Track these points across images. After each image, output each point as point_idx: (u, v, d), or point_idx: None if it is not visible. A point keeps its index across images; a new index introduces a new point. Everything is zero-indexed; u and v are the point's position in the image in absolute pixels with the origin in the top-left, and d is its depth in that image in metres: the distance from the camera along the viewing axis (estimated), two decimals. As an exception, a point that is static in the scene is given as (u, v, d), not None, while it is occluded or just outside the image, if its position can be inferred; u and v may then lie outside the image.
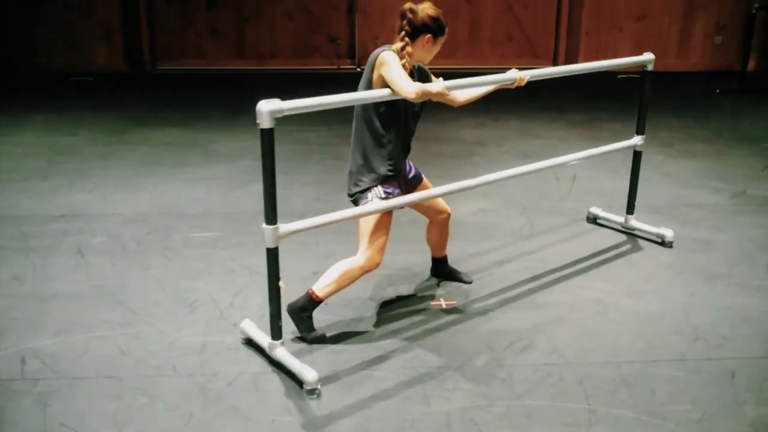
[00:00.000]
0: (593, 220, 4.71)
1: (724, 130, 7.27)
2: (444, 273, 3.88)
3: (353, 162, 3.28)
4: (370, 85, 3.12)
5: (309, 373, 2.86)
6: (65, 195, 5.17)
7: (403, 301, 3.66)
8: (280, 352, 3.01)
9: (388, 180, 3.26)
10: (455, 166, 5.95)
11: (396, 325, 3.41)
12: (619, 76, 10.30)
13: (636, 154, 4.43)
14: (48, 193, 5.19)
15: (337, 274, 3.23)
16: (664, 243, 4.32)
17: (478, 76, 3.43)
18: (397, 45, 3.16)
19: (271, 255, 2.90)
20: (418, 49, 3.18)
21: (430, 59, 3.28)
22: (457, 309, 3.58)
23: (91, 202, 5.05)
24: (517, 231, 4.58)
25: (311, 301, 3.25)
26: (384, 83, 3.04)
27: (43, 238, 4.38)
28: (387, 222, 3.26)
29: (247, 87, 9.26)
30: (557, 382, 2.96)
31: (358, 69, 10.52)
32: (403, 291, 3.77)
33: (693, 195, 5.28)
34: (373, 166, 3.23)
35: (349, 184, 3.31)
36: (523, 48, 10.70)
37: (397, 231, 4.22)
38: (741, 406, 2.82)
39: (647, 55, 4.24)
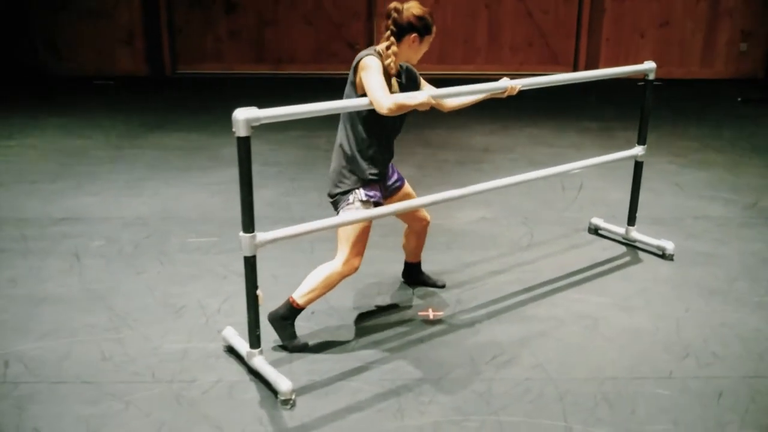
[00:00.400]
0: (594, 230, 4.63)
1: (742, 139, 7.11)
2: (416, 278, 3.86)
3: (335, 162, 3.26)
4: (353, 87, 3.11)
5: (283, 383, 2.85)
6: (70, 198, 5.24)
7: (391, 311, 3.63)
8: (257, 360, 3.00)
9: (369, 183, 3.23)
10: (460, 173, 5.90)
11: (380, 335, 3.38)
12: (639, 83, 10.14)
13: (637, 164, 4.34)
14: (54, 196, 5.26)
15: (316, 280, 3.21)
16: (664, 256, 4.23)
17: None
18: (382, 45, 3.14)
19: (248, 263, 2.89)
20: (404, 49, 3.15)
21: (417, 59, 3.25)
22: (444, 320, 3.54)
23: (95, 205, 5.10)
24: (516, 241, 4.52)
25: (291, 310, 3.24)
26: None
27: (43, 240, 4.44)
28: (366, 227, 3.23)
29: (265, 91, 9.30)
30: (536, 398, 2.91)
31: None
32: (392, 300, 3.74)
33: (701, 206, 5.16)
34: (356, 168, 3.21)
35: (330, 184, 3.28)
36: (543, 54, 10.60)
37: (388, 240, 4.21)
38: (724, 427, 2.74)
39: (648, 64, 4.17)
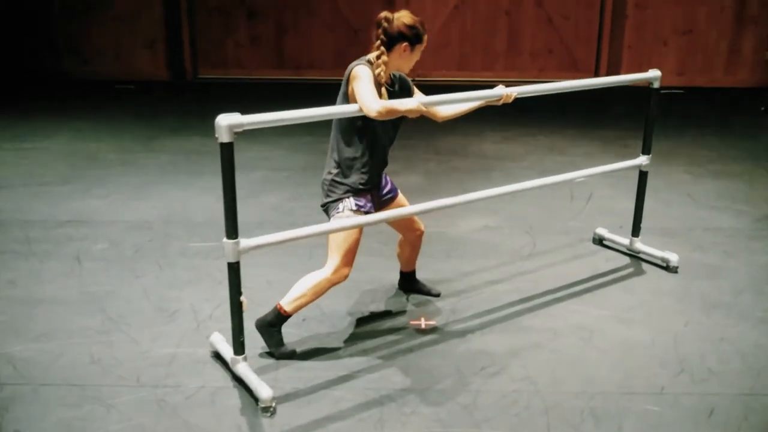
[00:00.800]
0: (599, 241, 4.55)
1: (761, 150, 6.96)
2: (411, 286, 3.83)
3: (327, 171, 3.25)
4: (346, 98, 3.10)
5: (264, 391, 2.83)
6: (78, 201, 5.29)
7: (383, 319, 3.60)
8: (241, 367, 2.98)
9: (360, 192, 3.21)
10: (469, 181, 5.84)
11: (369, 344, 3.35)
12: (661, 91, 9.98)
13: (642, 174, 4.26)
14: (62, 199, 5.32)
15: (305, 287, 3.19)
16: (668, 268, 4.13)
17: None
18: (373, 54, 3.13)
19: (232, 269, 2.88)
20: (395, 58, 3.15)
21: (409, 68, 3.24)
22: (436, 329, 3.49)
23: (102, 208, 5.15)
24: (518, 250, 4.46)
25: (279, 316, 3.22)
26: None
27: (46, 242, 4.48)
28: (357, 236, 3.20)
29: (284, 97, 9.34)
30: (522, 410, 2.85)
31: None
32: (385, 308, 3.70)
33: (712, 218, 5.05)
34: (347, 177, 3.19)
35: (322, 192, 3.27)
36: (564, 61, 10.49)
37: (386, 248, 4.18)
38: (712, 446, 2.66)
39: (653, 72, 4.08)
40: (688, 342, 3.38)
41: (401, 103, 2.97)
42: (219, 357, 3.19)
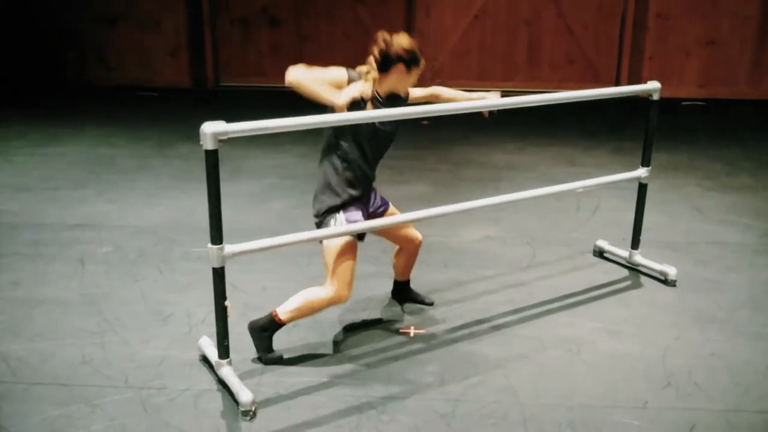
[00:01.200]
0: (599, 253, 4.53)
1: (778, 163, 6.86)
2: (405, 295, 3.85)
3: (317, 184, 3.30)
4: (332, 109, 3.14)
5: (244, 395, 2.87)
6: (89, 205, 5.41)
7: (373, 327, 3.62)
8: (225, 370, 3.03)
9: (351, 206, 3.25)
10: (477, 191, 5.84)
11: (356, 351, 3.38)
12: (683, 103, 9.91)
13: (641, 186, 4.23)
14: (73, 203, 5.44)
15: (303, 301, 3.22)
16: (666, 281, 4.10)
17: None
18: (362, 68, 3.18)
19: (217, 275, 2.93)
20: (392, 79, 3.23)
21: (405, 89, 3.34)
22: (424, 338, 3.51)
23: (111, 212, 5.25)
24: (516, 261, 4.46)
25: (272, 323, 3.26)
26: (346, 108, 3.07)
27: (53, 245, 4.59)
28: (351, 252, 3.23)
29: (302, 104, 9.41)
30: (499, 421, 2.86)
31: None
32: (377, 317, 3.73)
33: (718, 231, 4.99)
34: (336, 190, 3.24)
35: (313, 207, 3.33)
36: (584, 72, 10.44)
37: (387, 256, 4.18)
38: (689, 462, 2.64)
39: (652, 84, 4.06)
40: (677, 356, 3.35)
41: (328, 92, 3.08)
42: (206, 360, 3.24)
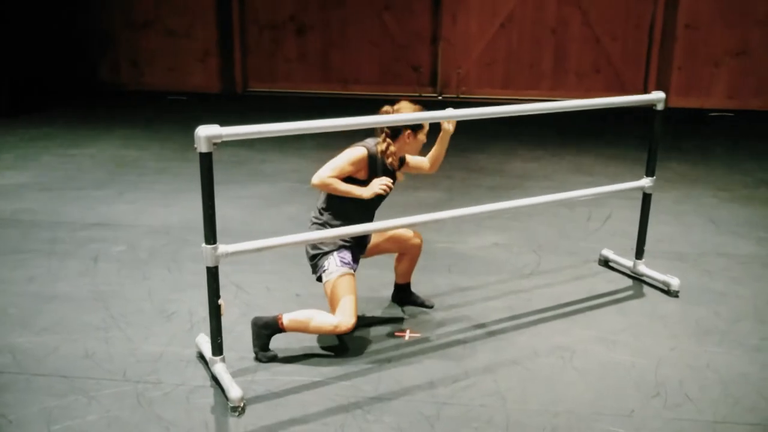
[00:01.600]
0: (604, 263, 4.52)
1: (801, 176, 6.75)
2: (406, 298, 3.90)
3: (311, 227, 3.46)
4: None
5: (234, 391, 2.95)
6: (108, 205, 5.56)
7: (370, 329, 3.67)
8: (218, 367, 3.11)
9: (344, 249, 3.41)
10: (487, 199, 5.84)
11: (350, 352, 3.43)
12: (711, 114, 9.80)
13: (645, 196, 4.22)
14: (94, 203, 5.60)
15: (310, 318, 3.31)
16: (669, 292, 4.08)
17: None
18: (381, 146, 3.39)
19: (210, 274, 3.02)
20: (402, 146, 3.44)
21: (417, 151, 3.54)
22: (419, 341, 3.55)
23: (128, 212, 5.40)
24: (520, 268, 4.47)
25: (275, 326, 3.33)
26: (347, 173, 3.31)
27: (70, 243, 4.74)
28: (351, 286, 3.36)
29: (330, 110, 9.53)
30: (483, 424, 2.89)
31: (439, 97, 10.59)
32: (376, 319, 3.78)
33: (730, 243, 4.94)
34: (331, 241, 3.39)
35: (307, 246, 3.44)
36: (611, 81, 10.38)
37: (391, 258, 4.24)
38: (669, 471, 2.64)
39: (656, 94, 4.05)
40: (670, 366, 3.34)
41: (354, 189, 3.29)
42: (203, 357, 3.33)
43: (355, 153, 3.33)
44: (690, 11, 9.95)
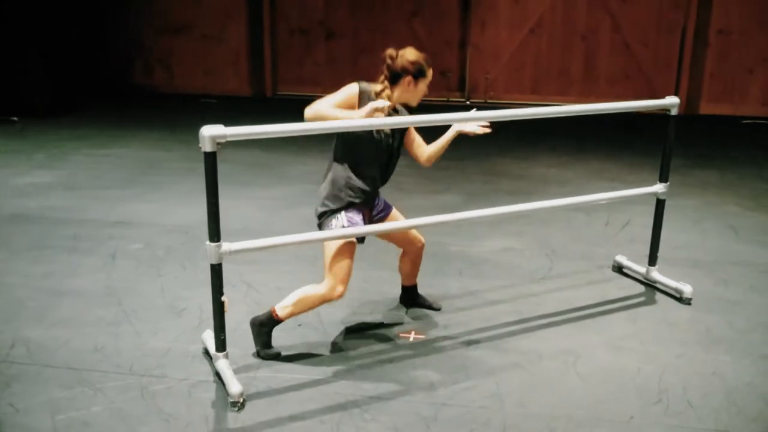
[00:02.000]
0: (618, 269, 4.48)
1: (832, 185, 6.59)
2: (413, 300, 3.90)
3: (322, 186, 3.41)
4: None
5: (234, 387, 3.00)
6: (131, 204, 5.68)
7: (375, 329, 3.70)
8: (221, 363, 3.16)
9: (352, 208, 3.34)
10: (506, 203, 5.82)
11: (353, 353, 3.46)
12: (744, 121, 9.63)
13: (659, 202, 4.17)
14: (118, 201, 5.73)
15: (298, 297, 3.34)
16: (681, 299, 4.03)
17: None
18: (377, 87, 3.32)
19: (214, 271, 3.07)
20: (401, 92, 3.34)
21: (416, 101, 3.42)
22: (423, 343, 3.56)
23: (149, 211, 5.51)
24: (532, 273, 4.46)
25: (271, 319, 3.38)
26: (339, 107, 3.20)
27: (91, 240, 4.85)
28: (349, 252, 3.32)
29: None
30: (479, 426, 2.89)
31: (467, 102, 10.59)
32: (381, 319, 3.81)
33: (749, 252, 4.86)
34: (340, 193, 3.34)
35: (316, 206, 3.43)
36: (641, 88, 10.26)
37: (391, 260, 4.27)
38: (663, 478, 2.61)
39: (670, 99, 4.00)
40: (675, 373, 3.30)
41: (344, 113, 3.15)
42: (208, 353, 3.38)
43: (348, 88, 3.25)
44: (723, 16, 9.80)
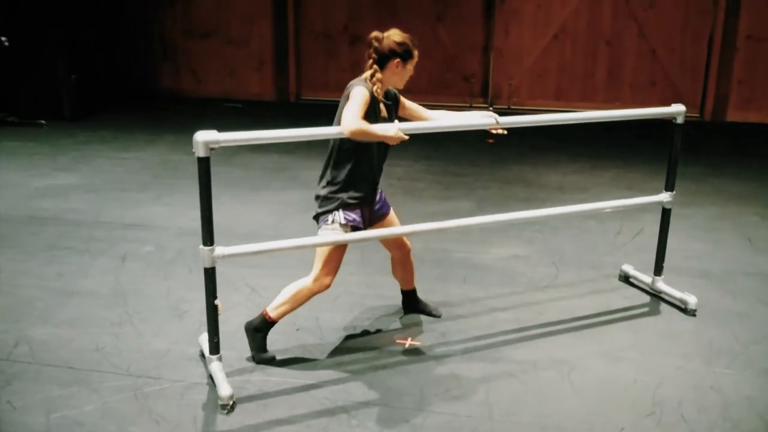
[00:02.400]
0: (625, 278, 4.43)
1: None
2: (413, 306, 3.90)
3: (321, 186, 3.42)
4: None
5: (224, 390, 3.04)
6: (146, 207, 5.78)
7: (372, 335, 3.71)
8: (214, 366, 3.21)
9: (351, 206, 3.35)
10: (519, 210, 5.79)
11: (347, 358, 3.48)
12: (773, 128, 9.42)
13: (665, 211, 4.12)
14: (133, 204, 5.83)
15: (288, 295, 3.37)
16: (686, 310, 3.97)
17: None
18: (367, 73, 3.29)
19: (207, 274, 3.12)
20: (389, 75, 3.31)
21: (403, 83, 3.39)
22: (419, 350, 3.57)
23: (162, 214, 5.59)
24: (536, 281, 4.43)
25: (264, 322, 3.42)
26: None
27: (104, 242, 4.95)
28: (341, 248, 3.36)
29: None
30: (465, 435, 2.88)
31: (490, 108, 10.54)
32: (379, 325, 3.82)
33: (762, 263, 4.76)
34: (339, 192, 3.35)
35: (316, 204, 3.45)
36: (667, 95, 10.09)
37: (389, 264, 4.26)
38: (647, 492, 2.58)
39: (677, 107, 3.95)
40: (672, 386, 3.26)
41: (381, 128, 3.09)
42: (204, 356, 3.43)
43: (364, 94, 3.16)
44: (752, 21, 9.60)
